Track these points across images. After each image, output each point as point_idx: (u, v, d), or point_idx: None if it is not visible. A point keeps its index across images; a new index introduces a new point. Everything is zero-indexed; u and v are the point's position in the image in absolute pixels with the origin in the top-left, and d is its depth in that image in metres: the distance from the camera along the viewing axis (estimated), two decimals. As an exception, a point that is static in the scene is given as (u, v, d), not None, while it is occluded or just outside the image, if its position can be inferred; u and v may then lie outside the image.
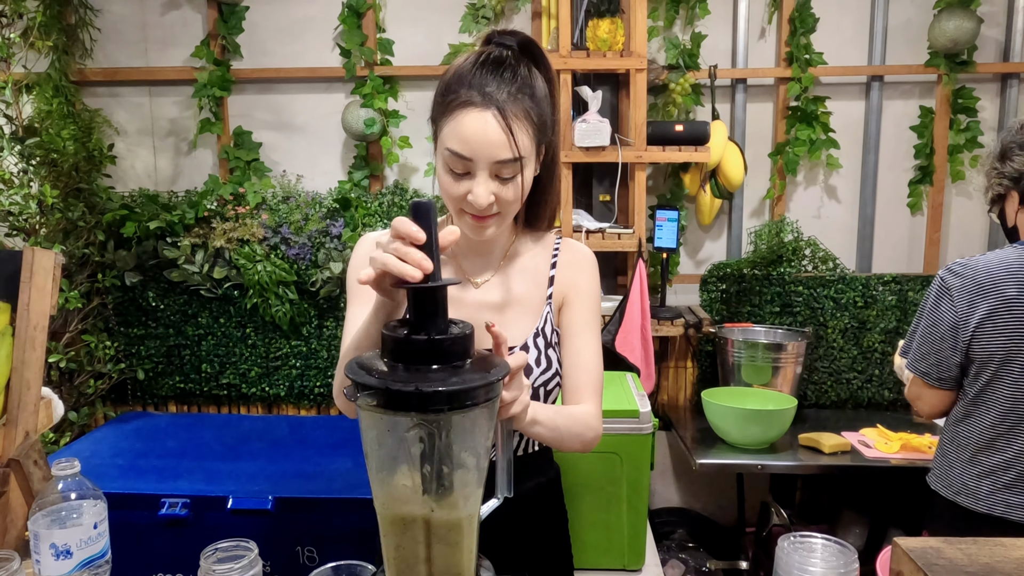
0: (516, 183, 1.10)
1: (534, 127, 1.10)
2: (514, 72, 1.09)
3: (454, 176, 1.10)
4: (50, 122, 2.73)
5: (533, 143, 1.11)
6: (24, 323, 1.23)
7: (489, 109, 1.06)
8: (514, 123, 1.07)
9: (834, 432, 2.51)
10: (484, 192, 1.09)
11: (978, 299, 1.68)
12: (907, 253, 3.08)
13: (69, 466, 1.13)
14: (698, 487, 3.10)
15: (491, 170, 1.09)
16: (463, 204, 1.12)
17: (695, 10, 2.89)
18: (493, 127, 1.06)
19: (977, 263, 1.70)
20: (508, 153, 1.07)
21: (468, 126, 1.06)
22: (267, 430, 2.65)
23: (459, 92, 1.08)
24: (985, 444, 1.72)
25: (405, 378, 0.80)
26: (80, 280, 2.77)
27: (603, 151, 2.63)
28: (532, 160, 1.13)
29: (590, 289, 1.29)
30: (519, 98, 1.08)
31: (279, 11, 3.00)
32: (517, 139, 1.07)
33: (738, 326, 2.84)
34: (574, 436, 1.20)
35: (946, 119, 2.94)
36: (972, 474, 1.73)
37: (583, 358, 1.26)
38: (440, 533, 0.86)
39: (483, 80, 1.07)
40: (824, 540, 0.95)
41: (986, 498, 1.70)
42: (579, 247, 1.32)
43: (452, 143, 1.08)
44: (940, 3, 2.85)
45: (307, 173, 3.06)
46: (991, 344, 1.68)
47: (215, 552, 1.05)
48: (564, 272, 1.28)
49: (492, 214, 1.13)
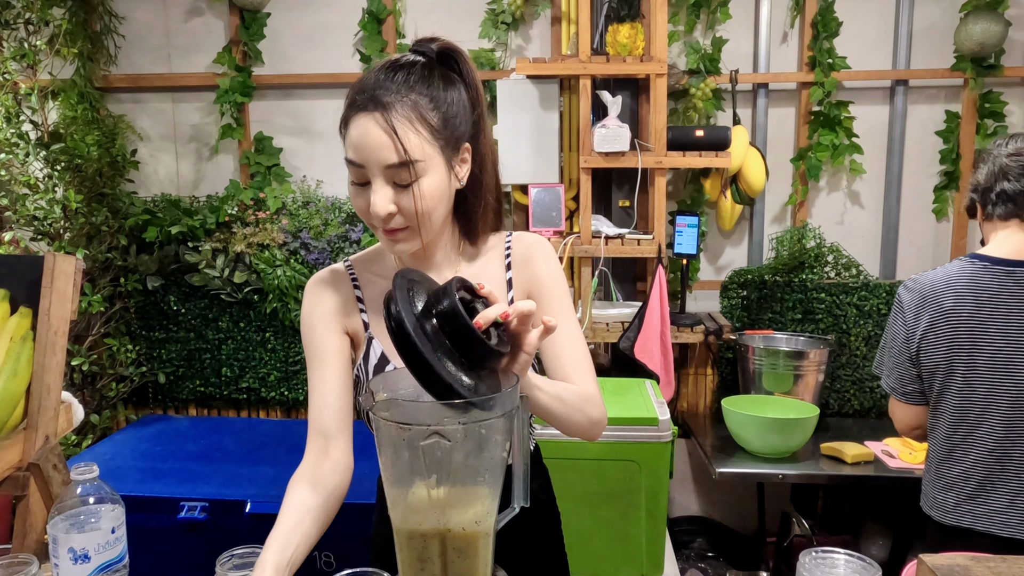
0: (417, 190, 1.04)
1: (430, 128, 1.04)
2: (409, 74, 1.06)
3: (356, 188, 1.07)
4: (75, 128, 2.77)
5: (433, 145, 1.05)
6: (45, 328, 1.24)
7: (374, 112, 1.02)
8: (400, 124, 1.02)
9: (857, 441, 2.47)
10: (381, 200, 1.04)
11: (921, 311, 1.73)
12: (932, 260, 3.03)
13: (88, 471, 1.13)
14: (718, 496, 3.06)
15: (384, 176, 1.04)
16: (370, 217, 1.08)
17: (716, 14, 2.88)
18: (376, 130, 1.02)
19: (925, 277, 1.76)
20: (395, 156, 1.02)
21: (355, 131, 1.04)
22: (286, 434, 2.65)
23: (353, 99, 1.05)
24: (945, 456, 1.74)
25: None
26: (103, 284, 2.80)
27: (622, 156, 2.62)
28: (434, 164, 1.06)
29: (549, 274, 1.20)
30: (411, 98, 1.03)
31: (300, 18, 3.02)
32: (404, 141, 1.02)
33: (759, 333, 2.81)
34: (578, 411, 1.11)
35: (973, 124, 2.89)
36: (938, 487, 1.75)
37: (565, 346, 1.16)
38: (456, 545, 0.86)
39: (375, 84, 1.04)
40: (847, 556, 0.92)
41: (952, 510, 1.72)
42: (527, 237, 1.24)
43: (347, 151, 1.06)
44: (967, 6, 2.81)
45: (327, 178, 3.07)
46: (934, 355, 1.72)
47: (231, 559, 1.05)
48: (520, 270, 1.21)
49: (401, 227, 1.08)
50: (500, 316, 0.86)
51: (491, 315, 0.86)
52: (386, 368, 1.17)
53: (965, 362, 1.68)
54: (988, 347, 1.66)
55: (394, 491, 0.87)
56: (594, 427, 1.16)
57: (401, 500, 0.87)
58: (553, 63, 2.63)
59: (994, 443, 1.67)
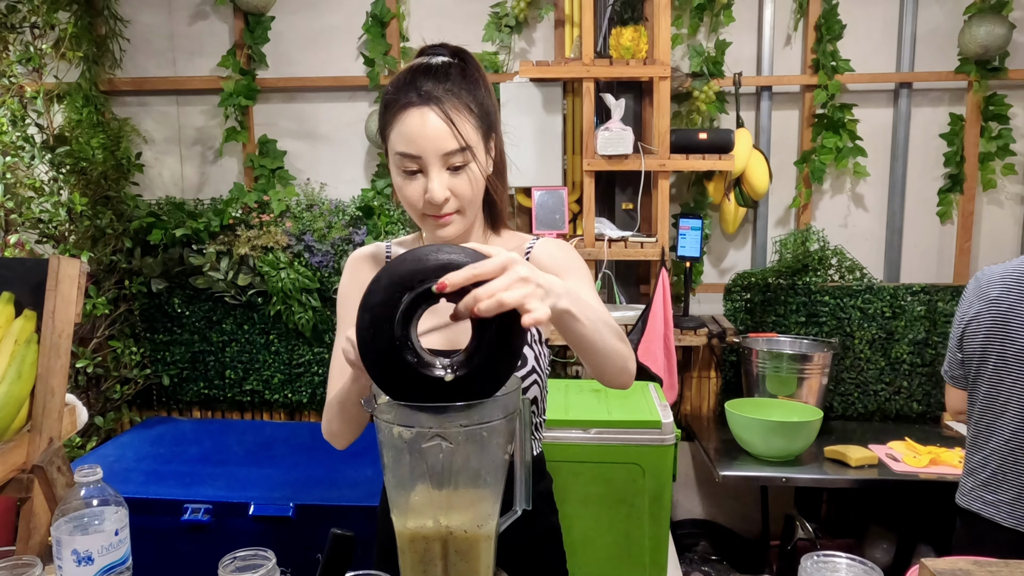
0: (469, 174, 1.12)
1: (476, 117, 1.12)
2: (446, 71, 1.12)
3: (408, 177, 1.12)
4: (80, 131, 2.78)
5: (478, 133, 1.13)
6: (49, 331, 1.24)
7: (428, 104, 1.09)
8: (454, 114, 1.09)
9: (861, 445, 2.46)
10: (439, 186, 1.10)
11: (974, 299, 1.80)
12: (936, 263, 3.03)
13: (91, 473, 1.13)
14: (721, 499, 3.06)
15: (442, 163, 1.10)
16: (423, 206, 1.13)
17: (719, 17, 2.87)
18: (435, 120, 1.08)
19: (991, 267, 1.82)
20: (454, 143, 1.09)
21: (411, 124, 1.09)
22: (289, 437, 2.66)
23: (399, 98, 1.11)
24: (971, 441, 1.80)
25: None
26: (108, 287, 2.81)
27: (626, 159, 2.62)
28: (481, 151, 1.14)
29: (566, 261, 1.22)
30: (456, 92, 1.11)
31: (304, 21, 3.03)
32: (460, 128, 1.09)
33: (763, 336, 2.81)
34: (616, 351, 1.07)
35: (977, 126, 2.89)
36: (965, 470, 1.82)
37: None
38: (458, 548, 0.86)
39: (418, 82, 1.10)
40: (849, 560, 0.92)
41: (968, 494, 1.78)
42: (553, 243, 1.28)
43: (400, 145, 1.10)
44: (971, 8, 2.81)
45: (330, 181, 3.08)
46: (974, 342, 1.78)
47: (233, 561, 1.05)
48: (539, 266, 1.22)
49: (452, 211, 1.14)
50: (436, 288, 0.80)
51: None
52: None
53: (999, 352, 1.73)
54: (1021, 340, 1.70)
55: (396, 493, 0.88)
56: (629, 371, 1.13)
57: (403, 503, 0.87)
58: (556, 66, 2.64)
59: (1010, 434, 1.70)
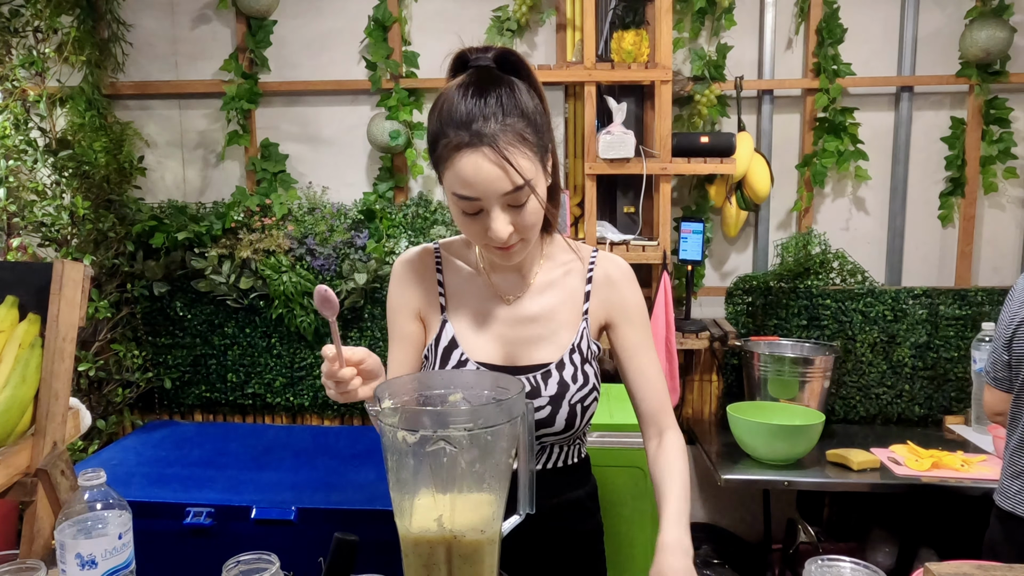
0: (530, 206, 1.10)
1: (532, 146, 1.08)
2: (497, 96, 1.06)
3: (468, 217, 1.11)
4: (82, 135, 2.79)
5: (535, 161, 1.09)
6: (53, 334, 1.25)
7: (481, 148, 1.04)
8: (510, 152, 1.05)
9: (863, 448, 2.46)
10: (502, 226, 1.09)
11: None
12: (938, 266, 3.03)
13: (95, 476, 1.14)
14: (723, 503, 3.06)
15: (501, 203, 1.08)
16: (486, 240, 1.13)
17: (721, 21, 2.88)
18: (489, 165, 1.04)
19: None
20: (510, 184, 1.06)
21: (465, 169, 1.05)
22: (291, 440, 2.66)
23: (449, 136, 1.06)
24: (1019, 444, 1.76)
25: None
26: (110, 290, 2.81)
27: (627, 163, 2.62)
28: (540, 176, 1.12)
29: (638, 303, 1.30)
30: (509, 123, 1.06)
31: (306, 25, 3.04)
32: (518, 166, 1.05)
33: (764, 339, 2.81)
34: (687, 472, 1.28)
35: (978, 130, 2.89)
36: (1008, 474, 1.78)
37: (651, 379, 1.29)
38: (462, 552, 0.86)
39: (469, 115, 1.05)
40: (852, 564, 0.92)
41: (1014, 496, 1.75)
42: (616, 261, 1.31)
43: (456, 188, 1.08)
44: (972, 12, 2.81)
45: (332, 185, 3.08)
46: (1022, 344, 1.75)
47: (237, 564, 1.05)
48: (603, 290, 1.28)
49: (516, 242, 1.13)
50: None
51: None
52: (454, 352, 1.24)
53: None
54: None
55: (400, 497, 0.88)
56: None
57: (407, 506, 0.87)
58: (558, 70, 2.64)
59: None
